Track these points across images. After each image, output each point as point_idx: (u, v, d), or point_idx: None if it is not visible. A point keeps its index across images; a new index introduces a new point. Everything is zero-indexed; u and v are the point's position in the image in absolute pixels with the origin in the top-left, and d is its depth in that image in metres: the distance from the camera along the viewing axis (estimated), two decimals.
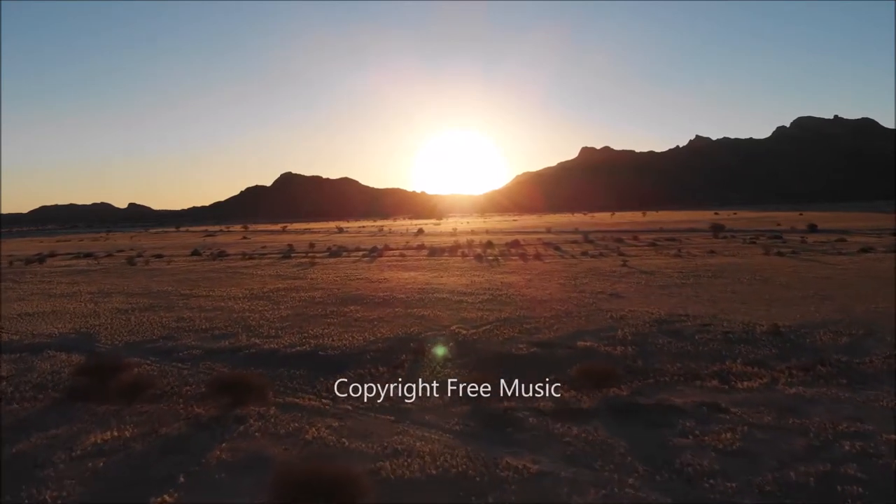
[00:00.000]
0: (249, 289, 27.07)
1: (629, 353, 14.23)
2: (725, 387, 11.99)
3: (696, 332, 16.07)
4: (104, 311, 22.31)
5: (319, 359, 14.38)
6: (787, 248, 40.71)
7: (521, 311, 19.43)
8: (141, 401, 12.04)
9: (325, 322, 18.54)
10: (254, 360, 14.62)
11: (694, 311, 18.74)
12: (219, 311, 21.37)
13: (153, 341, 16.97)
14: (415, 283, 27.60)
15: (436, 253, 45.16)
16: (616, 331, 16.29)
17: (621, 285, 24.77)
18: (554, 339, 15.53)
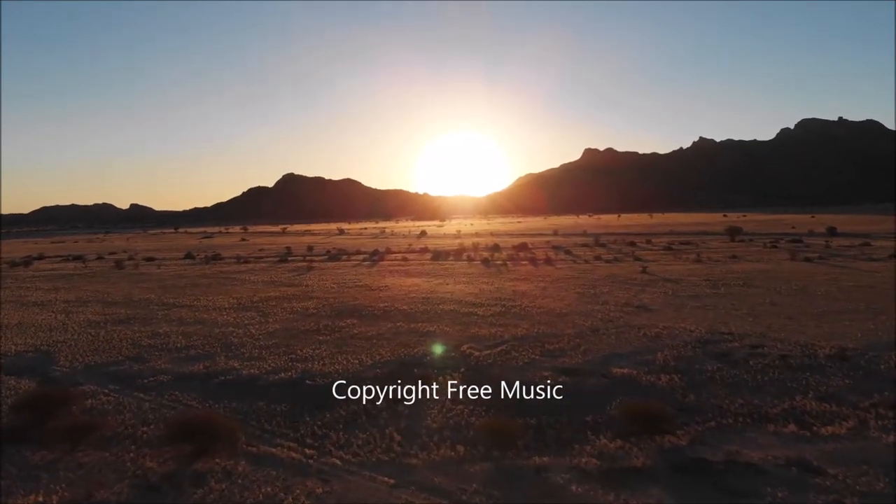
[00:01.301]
0: (238, 298, 24.81)
1: (676, 383, 11.92)
2: (806, 433, 9.66)
3: (747, 356, 13.77)
4: (74, 324, 20.06)
5: (306, 389, 12.09)
6: (812, 252, 38.35)
7: (539, 326, 17.13)
8: (87, 444, 9.79)
9: (316, 340, 16.26)
10: (229, 389, 12.33)
11: (738, 329, 16.42)
12: (200, 324, 19.11)
13: (118, 363, 14.71)
14: (418, 291, 25.32)
15: (440, 257, 42.88)
16: (654, 353, 13.98)
17: (647, 295, 22.45)
18: (583, 364, 13.21)
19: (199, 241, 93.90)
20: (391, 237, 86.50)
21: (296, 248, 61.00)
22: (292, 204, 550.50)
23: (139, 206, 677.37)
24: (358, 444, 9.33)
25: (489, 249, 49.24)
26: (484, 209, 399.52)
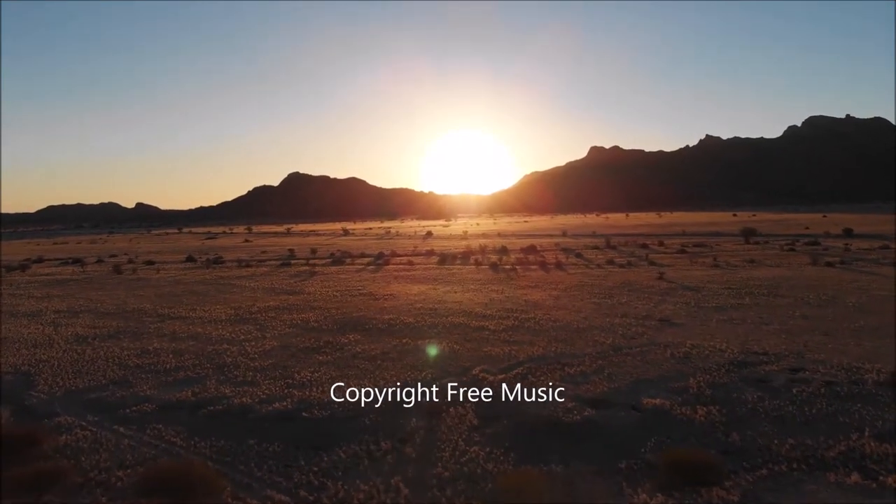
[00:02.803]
0: (236, 307, 23.66)
1: (716, 417, 10.66)
2: (872, 484, 8.40)
3: (789, 383, 12.50)
4: (61, 338, 18.94)
5: (302, 424, 10.89)
6: (832, 256, 36.92)
7: (556, 344, 15.88)
8: (55, 493, 8.66)
9: (315, 360, 15.06)
10: (217, 423, 11.14)
11: (772, 348, 15.13)
12: (193, 340, 17.95)
13: (101, 388, 13.55)
14: (425, 300, 24.11)
15: (446, 260, 41.64)
16: (687, 379, 12.72)
17: (668, 306, 21.16)
18: (610, 393, 11.97)
19: (202, 242, 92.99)
20: (396, 238, 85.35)
21: (299, 250, 59.94)
22: (297, 203, 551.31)
23: (145, 206, 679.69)
24: (359, 500, 8.12)
25: (497, 252, 48.01)
26: (489, 208, 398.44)
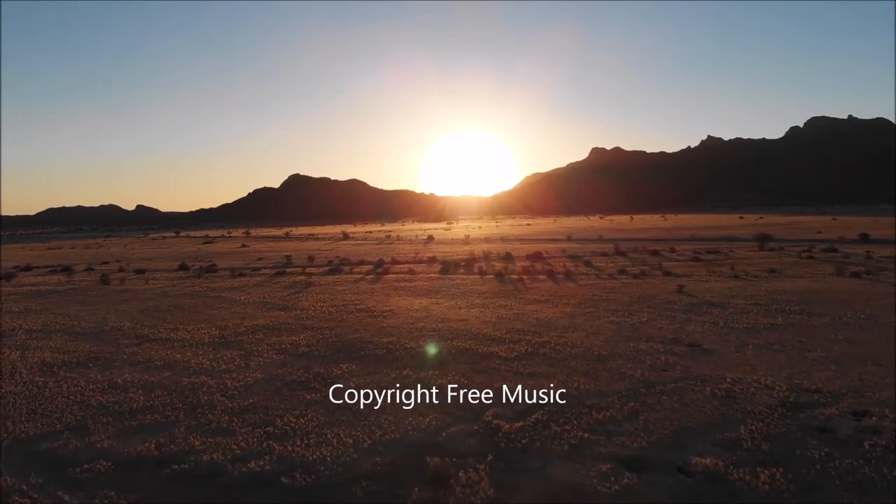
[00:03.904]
0: (222, 327, 21.79)
1: (780, 484, 8.76)
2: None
3: (856, 432, 10.61)
4: (26, 367, 17.07)
5: (280, 492, 9.00)
6: (856, 265, 35.01)
7: (578, 378, 13.99)
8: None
9: (303, 399, 13.18)
10: (181, 486, 9.26)
11: (824, 383, 13.23)
12: (169, 369, 16.09)
13: (55, 435, 11.69)
14: (427, 317, 22.24)
15: (449, 269, 39.75)
16: (736, 427, 10.83)
17: (694, 326, 19.26)
18: (650, 448, 10.07)
19: (199, 247, 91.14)
20: (397, 242, 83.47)
21: (297, 256, 58.08)
22: (298, 204, 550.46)
23: (145, 208, 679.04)
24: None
25: (502, 259, 46.11)
26: (491, 209, 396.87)
